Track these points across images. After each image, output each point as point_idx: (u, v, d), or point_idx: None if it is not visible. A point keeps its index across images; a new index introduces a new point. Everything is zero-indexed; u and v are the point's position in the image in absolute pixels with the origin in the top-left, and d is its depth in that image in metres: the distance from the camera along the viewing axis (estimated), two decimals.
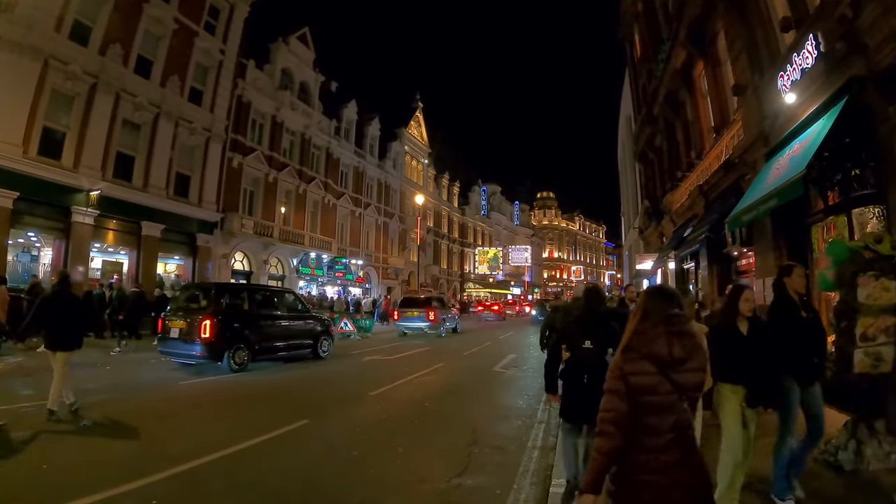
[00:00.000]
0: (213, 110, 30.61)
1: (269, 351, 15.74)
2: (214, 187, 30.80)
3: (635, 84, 32.12)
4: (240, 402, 10.62)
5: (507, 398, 11.41)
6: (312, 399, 11.01)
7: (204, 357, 13.84)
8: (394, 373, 14.46)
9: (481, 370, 15.55)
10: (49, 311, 8.66)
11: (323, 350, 17.74)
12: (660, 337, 2.66)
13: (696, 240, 14.91)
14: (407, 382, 13.14)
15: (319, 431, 8.34)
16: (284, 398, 11.18)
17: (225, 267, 31.66)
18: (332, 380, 13.89)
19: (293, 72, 38.77)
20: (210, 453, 6.76)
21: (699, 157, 17.76)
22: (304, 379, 13.89)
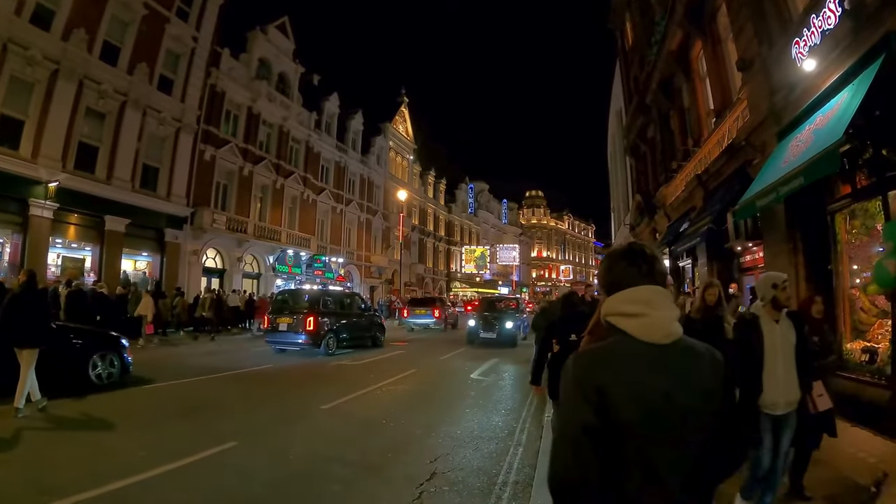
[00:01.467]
0: (185, 100, 29.30)
1: (348, 340, 20.08)
2: (184, 180, 29.43)
3: (626, 75, 30.86)
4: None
5: (480, 414, 9.93)
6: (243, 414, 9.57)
7: (307, 344, 18.04)
8: (357, 381, 13.02)
9: (457, 378, 14.18)
10: (17, 310, 8.61)
11: (379, 340, 22.44)
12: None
13: (696, 232, 13.44)
14: (370, 393, 11.73)
15: (243, 458, 6.90)
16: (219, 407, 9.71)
17: (195, 264, 30.26)
18: (276, 392, 12.38)
19: (271, 62, 37.29)
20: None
21: (697, 144, 16.38)
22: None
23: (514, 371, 15.52)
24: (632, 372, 1.76)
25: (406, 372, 14.62)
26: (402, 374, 14.19)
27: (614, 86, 40.05)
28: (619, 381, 1.74)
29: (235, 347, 20.24)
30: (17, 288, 9.09)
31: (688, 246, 14.78)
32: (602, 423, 1.70)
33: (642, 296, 1.85)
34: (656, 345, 1.80)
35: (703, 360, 1.86)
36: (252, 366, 15.33)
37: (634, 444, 1.72)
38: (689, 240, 14.32)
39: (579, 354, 1.89)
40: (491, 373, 15.05)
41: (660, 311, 1.83)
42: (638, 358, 1.79)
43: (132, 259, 27.92)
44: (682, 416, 1.75)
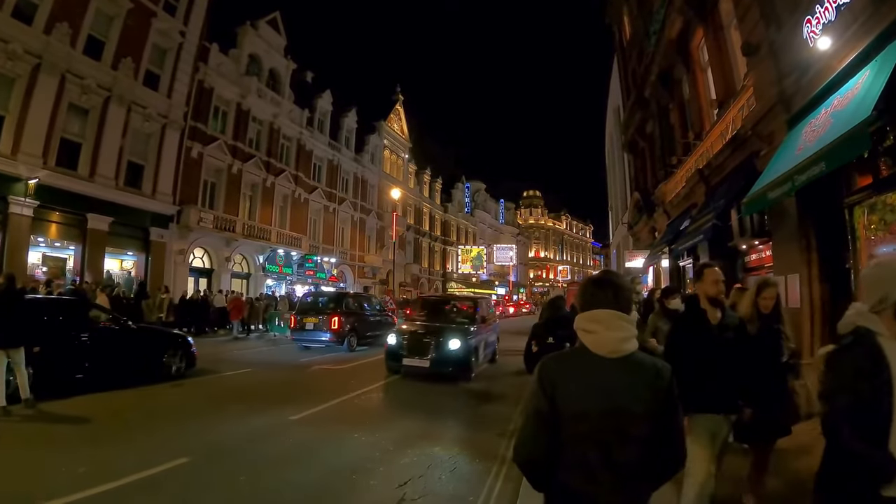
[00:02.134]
0: (171, 96, 28.57)
1: (367, 338, 21.18)
2: (171, 178, 28.70)
3: (624, 70, 30.08)
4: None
5: (463, 427, 9.13)
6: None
7: (332, 342, 19.64)
8: (337, 388, 12.21)
9: (444, 384, 13.16)
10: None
11: None
12: None
13: (699, 229, 12.59)
14: (347, 402, 10.92)
15: (188, 478, 6.08)
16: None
17: (182, 264, 29.46)
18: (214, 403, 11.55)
19: (262, 58, 36.47)
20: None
21: (699, 137, 15.57)
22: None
23: (510, 375, 14.71)
24: (579, 375, 2.25)
25: (391, 378, 13.79)
26: (385, 381, 13.41)
27: (612, 82, 39.33)
28: (568, 380, 2.25)
29: (213, 350, 19.32)
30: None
31: (689, 244, 13.92)
32: (551, 411, 2.22)
33: (601, 317, 2.28)
34: (603, 358, 2.24)
35: (646, 373, 2.27)
36: (227, 370, 14.49)
37: (573, 433, 2.20)
38: (691, 238, 13.48)
39: (546, 356, 2.42)
40: (482, 378, 14.19)
41: (611, 332, 2.25)
42: (587, 365, 2.25)
43: (118, 258, 27.31)
44: (615, 416, 2.17)
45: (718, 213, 11.60)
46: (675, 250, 16.26)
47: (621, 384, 2.20)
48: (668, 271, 19.83)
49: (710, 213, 12.02)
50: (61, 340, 10.51)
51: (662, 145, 20.69)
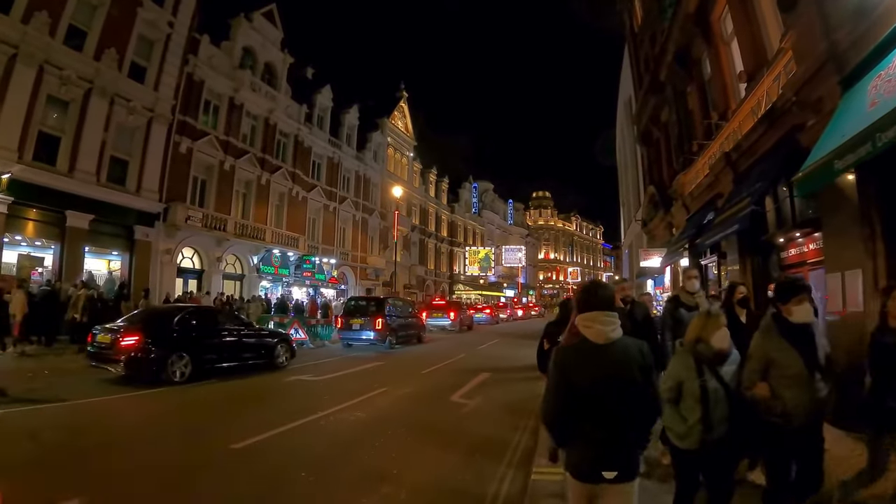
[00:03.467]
0: (158, 88, 27.12)
1: (403, 338, 24.81)
2: (157, 174, 27.22)
3: (635, 58, 28.38)
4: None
5: (446, 460, 7.39)
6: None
7: (375, 341, 22.75)
8: (304, 405, 10.57)
9: (432, 400, 11.65)
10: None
11: (422, 338, 27.67)
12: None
13: (731, 219, 10.62)
14: (309, 425, 9.18)
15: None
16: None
17: (169, 264, 27.91)
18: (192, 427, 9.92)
19: (257, 51, 34.91)
20: None
21: (723, 118, 13.79)
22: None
23: (508, 390, 13.04)
24: (584, 357, 3.27)
25: (372, 392, 12.16)
26: (365, 395, 11.72)
27: (622, 73, 37.68)
28: (577, 362, 3.27)
29: None
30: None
31: (716, 238, 12.02)
32: (567, 384, 3.23)
33: (594, 317, 3.32)
34: (598, 344, 3.28)
35: (630, 353, 3.30)
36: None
37: (583, 396, 3.19)
38: (719, 231, 11.62)
39: (560, 346, 3.57)
40: (477, 393, 12.47)
41: (601, 326, 3.28)
42: (588, 350, 3.28)
43: (104, 258, 26.13)
44: (610, 384, 3.18)
45: (756, 198, 9.81)
46: (699, 245, 14.28)
47: (611, 361, 3.24)
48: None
49: (745, 200, 10.21)
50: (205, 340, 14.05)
51: (680, 132, 18.93)
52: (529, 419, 9.59)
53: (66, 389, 10.91)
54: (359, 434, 8.51)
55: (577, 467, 3.27)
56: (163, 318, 13.89)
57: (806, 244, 10.14)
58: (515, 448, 7.85)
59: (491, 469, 6.90)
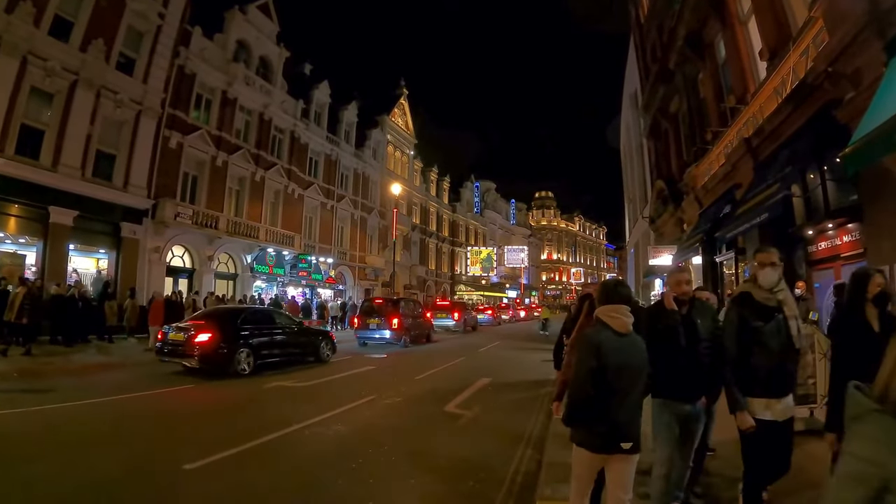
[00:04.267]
0: (147, 81, 26.09)
1: (416, 337, 25.74)
2: (145, 169, 26.18)
3: (641, 49, 27.42)
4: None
5: (439, 489, 6.25)
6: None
7: (391, 340, 23.63)
8: (282, 416, 9.46)
9: (423, 411, 10.42)
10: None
11: (432, 337, 28.37)
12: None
13: (759, 207, 9.44)
14: (280, 440, 8.07)
15: None
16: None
17: (158, 263, 26.81)
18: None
19: (251, 45, 33.84)
20: None
21: (742, 101, 12.73)
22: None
23: (509, 398, 11.89)
24: (609, 343, 3.72)
25: (358, 400, 11.05)
26: (349, 405, 10.61)
27: (628, 67, 36.68)
28: (604, 347, 3.70)
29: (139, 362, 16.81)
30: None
31: (737, 231, 10.77)
32: (598, 366, 3.64)
33: (619, 309, 3.84)
34: (619, 332, 3.78)
35: (641, 344, 3.88)
36: (144, 389, 11.85)
37: (609, 378, 3.64)
38: (740, 223, 10.45)
39: (588, 330, 4.06)
40: (475, 402, 11.26)
41: (622, 318, 3.80)
42: (612, 338, 3.76)
43: (92, 256, 25.18)
44: (626, 366, 3.70)
45: (788, 184, 8.73)
46: (718, 239, 12.99)
47: (631, 348, 3.80)
48: (702, 269, 17.00)
49: (774, 186, 9.14)
50: (263, 337, 15.57)
51: (691, 122, 17.90)
52: (532, 433, 8.58)
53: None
54: (333, 453, 7.39)
55: (594, 441, 3.72)
56: (229, 317, 15.49)
57: (839, 236, 9.10)
58: (516, 471, 6.71)
59: (487, 499, 5.81)
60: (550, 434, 7.61)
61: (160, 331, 15.68)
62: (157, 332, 16.97)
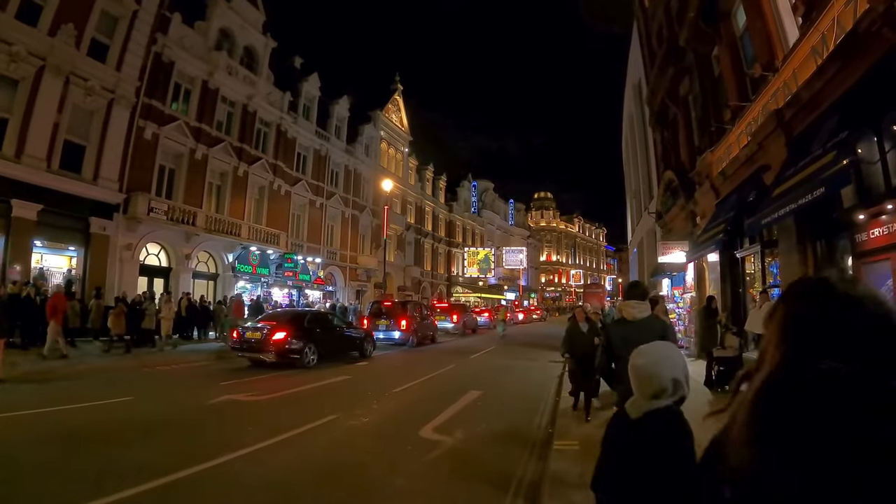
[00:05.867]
0: (121, 68, 24.60)
1: (422, 338, 26.92)
2: (117, 161, 24.65)
3: (646, 34, 25.73)
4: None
5: None
6: None
7: (401, 340, 25.30)
8: (224, 438, 7.83)
9: (395, 436, 8.57)
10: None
11: (436, 338, 29.86)
12: None
13: (813, 181, 7.42)
14: (201, 475, 6.32)
15: None
16: None
17: (130, 261, 25.14)
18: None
19: (235, 33, 32.21)
20: None
21: (770, 68, 10.99)
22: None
23: (500, 420, 9.95)
24: (621, 329, 4.90)
25: (317, 420, 9.27)
26: (304, 426, 8.81)
27: (630, 56, 35.14)
28: (609, 329, 5.46)
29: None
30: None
31: (774, 217, 8.83)
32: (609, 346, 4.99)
33: (630, 303, 4.92)
34: (630, 320, 4.85)
35: (652, 327, 4.72)
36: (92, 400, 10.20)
37: (613, 349, 4.86)
38: (777, 208, 8.56)
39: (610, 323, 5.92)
40: (458, 424, 9.40)
41: (633, 310, 4.84)
42: (623, 325, 4.94)
43: (63, 254, 23.55)
44: (629, 341, 3.55)
45: (851, 149, 6.94)
46: (750, 227, 10.55)
47: (634, 330, 4.65)
48: (720, 266, 15.27)
49: (828, 156, 7.36)
50: (323, 335, 18.20)
51: (704, 104, 16.18)
52: (524, 476, 6.70)
53: None
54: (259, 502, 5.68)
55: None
56: (298, 318, 18.12)
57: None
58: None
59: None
60: (548, 478, 5.91)
61: None
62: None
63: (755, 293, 13.00)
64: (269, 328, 16.68)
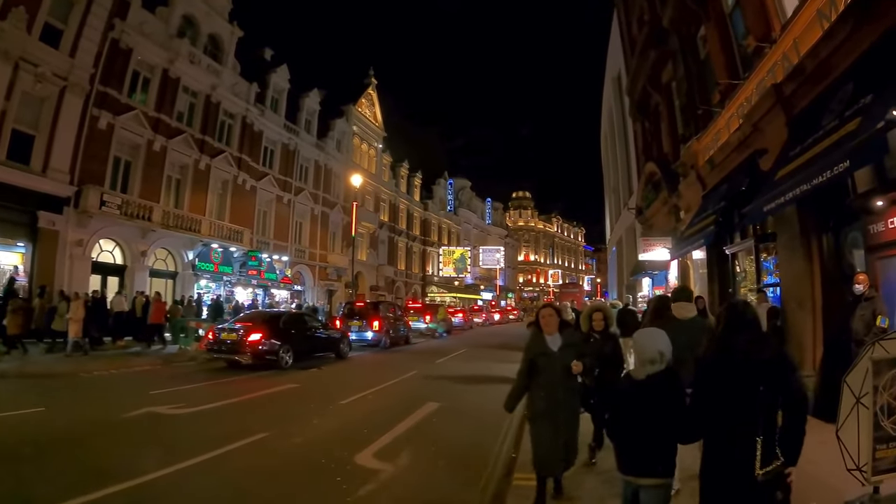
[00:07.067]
0: (75, 54, 23.21)
1: (395, 338, 26.48)
2: (68, 152, 23.23)
3: (626, 21, 24.74)
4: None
5: None
6: None
7: (373, 341, 24.73)
8: (114, 462, 6.57)
9: (328, 460, 7.15)
10: None
11: (410, 339, 29.13)
12: None
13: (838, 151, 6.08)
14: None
15: None
16: None
17: (81, 258, 23.65)
18: None
19: (199, 21, 30.67)
20: None
21: (765, 39, 9.80)
22: None
23: (455, 441, 8.49)
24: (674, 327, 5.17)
25: (239, 441, 7.87)
26: (223, 448, 7.44)
27: (610, 48, 34.24)
28: (671, 330, 4.18)
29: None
30: None
31: (781, 202, 7.48)
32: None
33: (681, 304, 6.11)
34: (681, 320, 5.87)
35: (702, 325, 5.76)
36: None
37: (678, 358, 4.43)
38: (787, 189, 7.23)
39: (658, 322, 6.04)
40: (406, 446, 8.02)
41: (684, 311, 5.96)
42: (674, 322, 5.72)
43: (13, 251, 22.03)
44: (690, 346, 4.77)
45: (880, 113, 5.68)
46: (750, 216, 9.07)
47: (690, 330, 5.28)
48: (707, 264, 14.12)
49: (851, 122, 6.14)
50: (298, 336, 18.23)
51: (689, 89, 15.08)
52: None
53: None
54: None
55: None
56: (273, 319, 18.00)
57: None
58: None
59: None
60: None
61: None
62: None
63: (747, 292, 11.88)
64: (245, 329, 16.65)
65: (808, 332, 8.51)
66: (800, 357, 8.52)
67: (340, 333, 21.55)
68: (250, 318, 18.38)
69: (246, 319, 18.19)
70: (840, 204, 7.86)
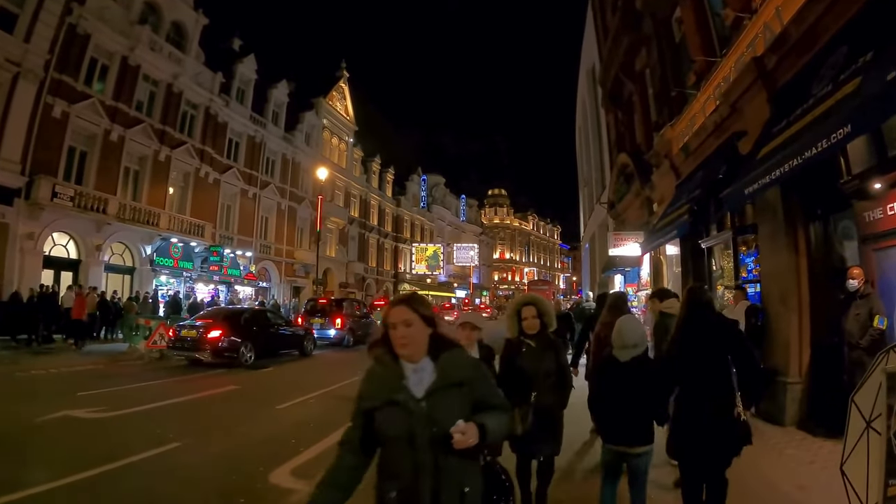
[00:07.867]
0: (30, 39, 22.39)
1: (360, 336, 24.69)
2: (20, 141, 22.36)
3: (601, 8, 24.07)
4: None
5: None
6: None
7: (336, 339, 24.10)
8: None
9: (241, 477, 6.19)
10: None
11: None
12: None
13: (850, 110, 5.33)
14: None
15: None
16: None
17: (32, 252, 22.64)
18: None
19: (162, 7, 29.63)
20: None
21: (745, 9, 9.08)
22: None
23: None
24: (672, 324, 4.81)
25: (150, 450, 6.97)
26: (128, 459, 6.53)
27: (584, 40, 33.79)
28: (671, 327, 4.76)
29: None
30: None
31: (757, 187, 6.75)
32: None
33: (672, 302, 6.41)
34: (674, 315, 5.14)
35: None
36: None
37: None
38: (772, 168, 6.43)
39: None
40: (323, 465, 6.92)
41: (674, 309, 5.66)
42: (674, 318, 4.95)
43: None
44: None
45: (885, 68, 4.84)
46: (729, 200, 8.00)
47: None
48: (680, 259, 13.41)
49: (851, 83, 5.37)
50: (261, 333, 17.84)
51: (663, 74, 14.40)
52: None
53: None
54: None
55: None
56: (234, 316, 17.71)
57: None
58: None
59: None
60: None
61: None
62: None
63: (724, 289, 11.18)
64: (205, 326, 16.36)
65: (794, 333, 7.75)
66: (784, 361, 7.83)
67: (305, 331, 21.14)
68: (211, 315, 17.94)
69: (207, 316, 17.84)
70: (830, 188, 7.14)
